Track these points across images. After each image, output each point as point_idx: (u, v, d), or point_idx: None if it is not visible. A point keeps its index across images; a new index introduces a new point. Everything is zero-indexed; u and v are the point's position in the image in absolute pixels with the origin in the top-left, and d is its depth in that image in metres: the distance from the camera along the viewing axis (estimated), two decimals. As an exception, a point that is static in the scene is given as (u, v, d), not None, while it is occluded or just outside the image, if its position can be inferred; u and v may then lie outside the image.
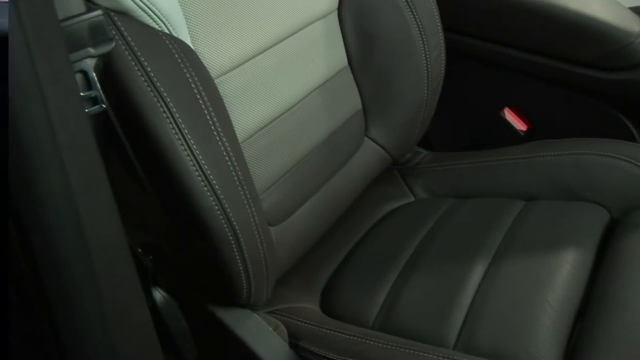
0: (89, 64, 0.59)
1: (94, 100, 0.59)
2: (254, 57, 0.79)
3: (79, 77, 0.58)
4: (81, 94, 0.57)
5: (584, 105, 1.13)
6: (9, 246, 0.57)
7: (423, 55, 0.99)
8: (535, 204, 0.99)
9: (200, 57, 0.71)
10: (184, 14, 0.71)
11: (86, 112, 0.56)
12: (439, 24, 1.01)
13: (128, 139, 0.65)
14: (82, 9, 0.60)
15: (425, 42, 0.98)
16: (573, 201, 0.98)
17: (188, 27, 0.71)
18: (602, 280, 0.82)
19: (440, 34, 1.02)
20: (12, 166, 0.47)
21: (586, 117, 1.13)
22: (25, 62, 0.45)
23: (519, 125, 1.21)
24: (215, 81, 0.74)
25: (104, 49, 0.59)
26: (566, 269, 0.83)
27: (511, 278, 0.84)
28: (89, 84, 0.59)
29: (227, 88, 0.76)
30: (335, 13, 0.95)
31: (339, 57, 0.96)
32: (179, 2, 0.70)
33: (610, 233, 0.91)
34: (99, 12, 0.59)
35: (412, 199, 1.11)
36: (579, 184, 0.99)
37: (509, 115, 1.21)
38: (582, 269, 0.85)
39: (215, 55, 0.74)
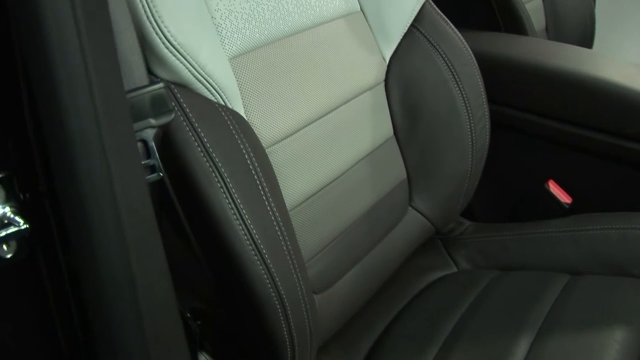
0: (149, 133, 0.61)
1: (152, 168, 0.62)
2: (303, 127, 0.81)
3: (139, 145, 0.61)
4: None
5: (630, 179, 1.12)
6: (64, 304, 0.59)
7: (468, 127, 1.00)
8: (580, 278, 0.97)
9: (252, 127, 0.74)
10: (239, 86, 0.74)
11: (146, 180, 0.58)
12: (484, 96, 1.02)
13: (182, 206, 0.67)
14: (145, 81, 0.63)
15: (471, 114, 1.00)
16: (620, 277, 0.96)
17: (242, 99, 0.74)
18: (653, 361, 0.80)
19: (485, 106, 1.03)
20: (73, 225, 0.49)
21: (632, 190, 1.12)
22: (93, 133, 0.48)
23: (564, 197, 1.20)
24: (266, 151, 0.76)
25: (164, 119, 0.62)
26: (615, 349, 0.81)
27: (557, 356, 0.82)
28: (148, 153, 0.61)
29: (277, 157, 0.78)
30: (382, 85, 0.97)
31: (385, 128, 0.98)
32: (235, 75, 0.73)
33: (661, 312, 0.89)
34: (160, 84, 0.62)
35: (455, 269, 1.10)
36: (626, 259, 0.98)
37: (554, 188, 1.21)
38: (632, 349, 0.82)
39: (266, 125, 0.77)
